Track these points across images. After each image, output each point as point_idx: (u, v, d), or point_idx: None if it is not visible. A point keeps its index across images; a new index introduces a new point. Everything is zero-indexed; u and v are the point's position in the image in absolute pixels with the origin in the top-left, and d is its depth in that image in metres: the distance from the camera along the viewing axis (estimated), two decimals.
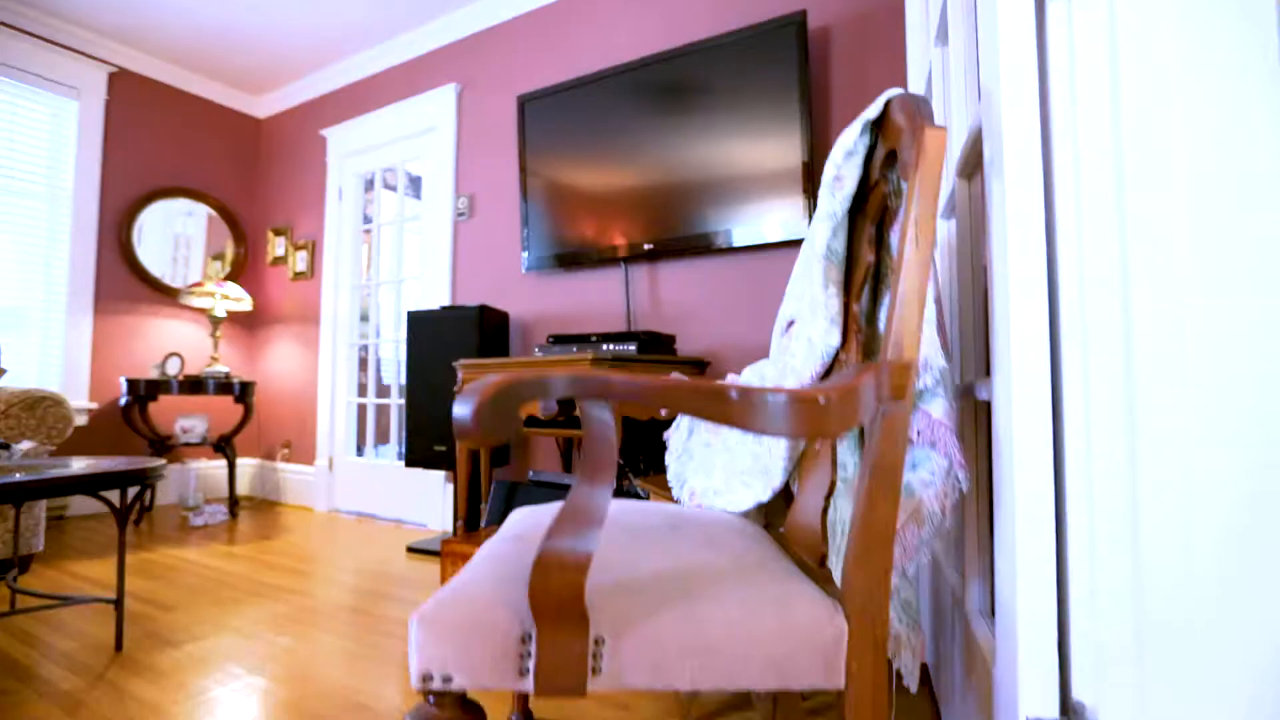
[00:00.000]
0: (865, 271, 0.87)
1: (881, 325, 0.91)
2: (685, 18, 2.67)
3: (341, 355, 3.79)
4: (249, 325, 4.29)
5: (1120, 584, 0.66)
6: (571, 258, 2.77)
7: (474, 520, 2.53)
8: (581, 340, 2.33)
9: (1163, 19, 0.66)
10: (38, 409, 2.48)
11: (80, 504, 3.49)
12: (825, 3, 2.36)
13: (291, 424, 4.02)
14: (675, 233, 2.50)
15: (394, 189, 3.79)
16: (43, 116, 3.46)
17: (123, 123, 3.74)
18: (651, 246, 2.55)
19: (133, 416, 3.32)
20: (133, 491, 3.39)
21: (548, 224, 2.84)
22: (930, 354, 0.81)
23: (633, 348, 2.15)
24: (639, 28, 2.78)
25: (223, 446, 3.49)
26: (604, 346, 2.21)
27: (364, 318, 3.88)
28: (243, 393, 3.51)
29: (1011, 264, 0.71)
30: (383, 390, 3.92)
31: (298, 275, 4.03)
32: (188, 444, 3.41)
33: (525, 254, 2.91)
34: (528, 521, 0.95)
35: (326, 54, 3.72)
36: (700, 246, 2.44)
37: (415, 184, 3.90)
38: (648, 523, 0.92)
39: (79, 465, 1.91)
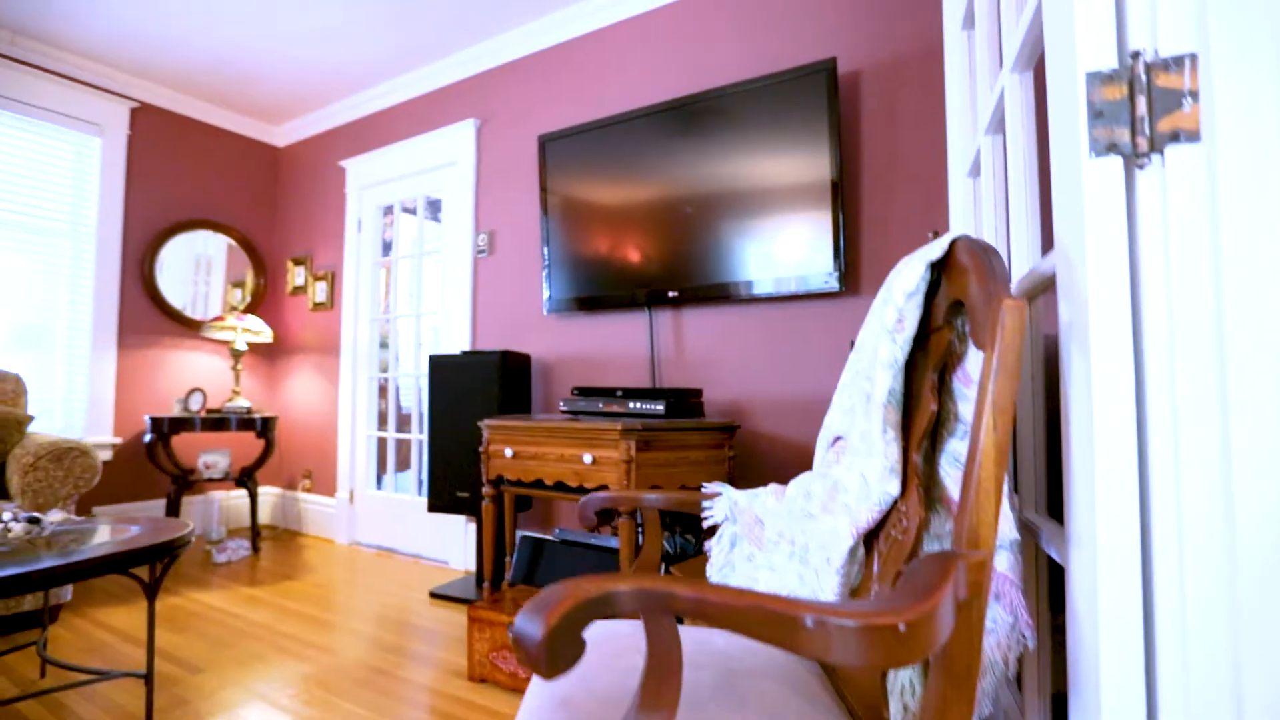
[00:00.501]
0: (929, 421, 0.83)
1: (942, 471, 0.86)
2: (708, 60, 2.62)
3: (362, 388, 3.78)
4: (269, 355, 4.30)
5: None
6: (594, 301, 2.74)
7: (498, 573, 2.51)
8: (607, 394, 2.30)
9: (1272, 180, 0.61)
10: (65, 460, 2.48)
11: None
12: (855, 47, 2.30)
13: (312, 454, 4.02)
14: (700, 280, 2.45)
15: (414, 221, 3.77)
16: (67, 154, 3.48)
17: (144, 157, 3.75)
18: (676, 294, 2.51)
19: (156, 453, 3.34)
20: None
21: (569, 266, 2.81)
22: (1005, 528, 0.76)
23: (660, 408, 2.11)
24: (659, 68, 2.74)
25: (245, 481, 3.50)
26: (631, 404, 2.18)
27: (384, 344, 3.87)
28: (264, 428, 3.51)
29: (1099, 469, 0.67)
30: (403, 420, 3.91)
31: (317, 306, 4.03)
32: (211, 479, 3.42)
33: (546, 295, 2.88)
34: (571, 678, 0.91)
35: (345, 85, 3.71)
36: (725, 295, 2.40)
37: (435, 215, 3.89)
38: (699, 680, 0.88)
39: (105, 533, 1.90)
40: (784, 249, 2.28)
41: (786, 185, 2.28)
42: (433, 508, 2.77)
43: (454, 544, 3.26)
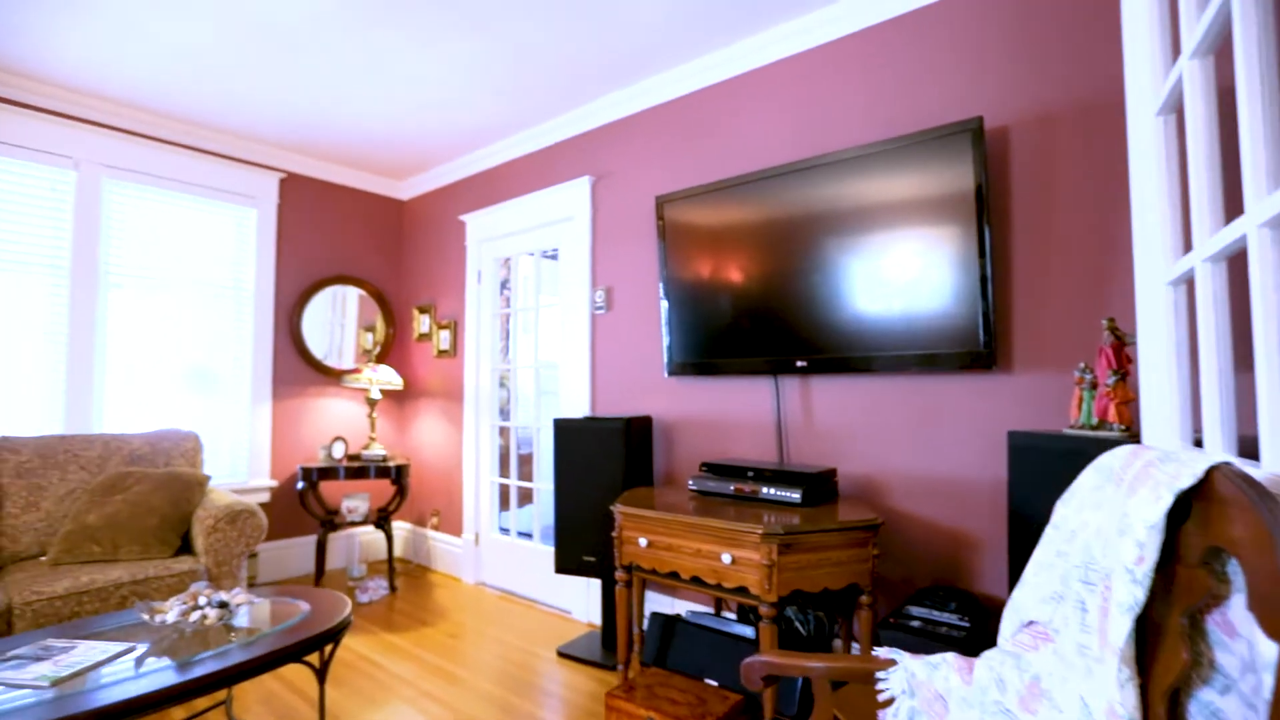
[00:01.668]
0: (1179, 673, 0.73)
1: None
2: (831, 119, 2.51)
3: (485, 435, 3.94)
4: (398, 398, 4.57)
5: None
6: (716, 366, 2.70)
7: (627, 636, 2.53)
8: (737, 474, 2.26)
9: None
10: (238, 521, 2.74)
11: (270, 567, 3.87)
12: (1002, 104, 2.13)
13: (440, 494, 4.23)
14: (831, 349, 2.36)
15: (531, 274, 3.88)
16: (229, 224, 3.84)
17: (290, 220, 4.09)
18: (805, 364, 2.42)
19: (307, 499, 3.63)
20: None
21: (690, 329, 2.79)
22: None
23: (796, 496, 2.05)
24: (779, 126, 2.66)
25: (382, 524, 3.74)
26: (765, 490, 2.13)
27: (503, 384, 4.01)
28: (398, 475, 3.73)
29: None
30: (524, 460, 4.04)
31: (441, 353, 4.23)
32: (353, 522, 3.68)
33: (667, 357, 2.87)
34: None
35: (464, 144, 3.87)
36: (858, 366, 2.29)
37: (553, 268, 3.99)
38: None
39: (276, 612, 2.07)
40: (923, 320, 2.15)
41: (925, 252, 2.14)
42: (560, 569, 2.84)
43: (577, 595, 3.32)
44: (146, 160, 3.50)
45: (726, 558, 1.86)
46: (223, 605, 1.90)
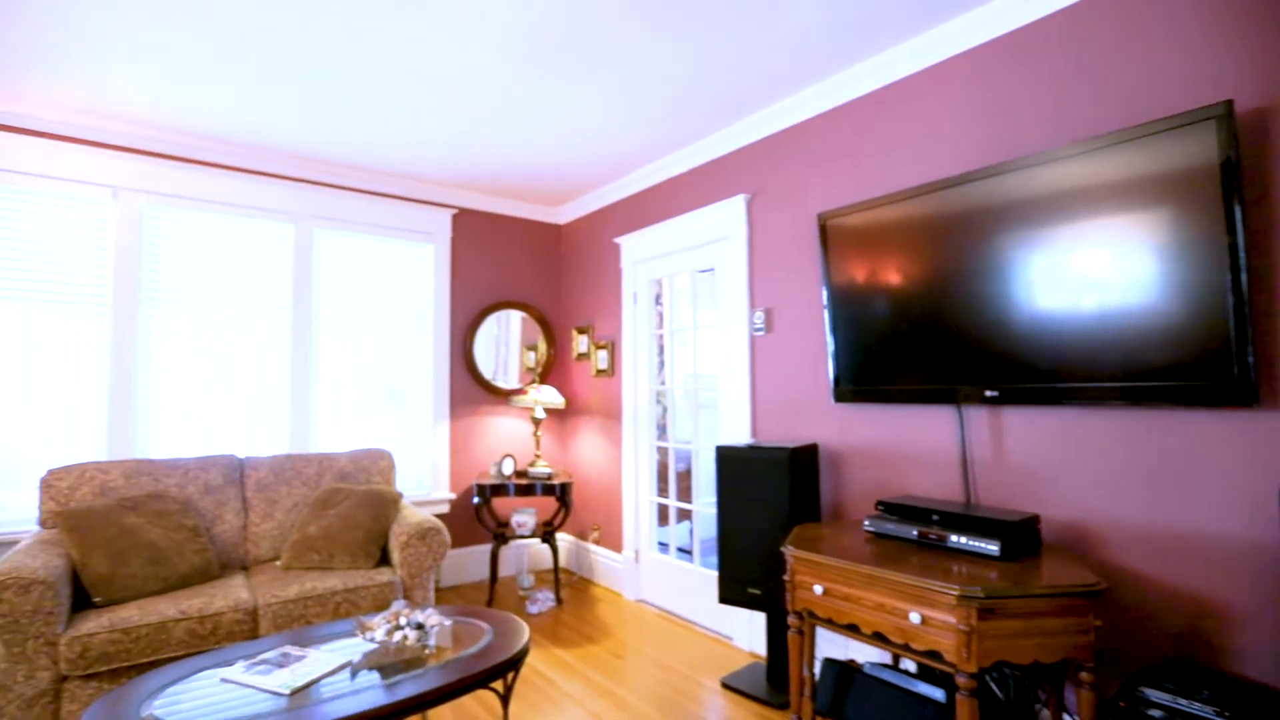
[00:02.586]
0: None
1: None
2: (1021, 117, 2.23)
3: (642, 453, 3.99)
4: (560, 416, 4.78)
5: None
6: (889, 394, 2.51)
7: (792, 687, 2.42)
8: (919, 517, 2.07)
9: None
10: (427, 538, 2.98)
11: (450, 572, 4.22)
12: (1258, 82, 1.76)
13: (600, 510, 4.36)
14: (1029, 378, 2.09)
15: (687, 295, 3.88)
16: (411, 260, 4.24)
17: (462, 252, 4.42)
18: (995, 394, 2.17)
19: (482, 514, 3.90)
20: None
21: (859, 354, 2.61)
22: None
23: (993, 548, 1.83)
24: (960, 130, 2.41)
25: (547, 538, 3.92)
26: (954, 538, 1.93)
27: (658, 400, 4.04)
28: (562, 493, 3.89)
29: None
30: (682, 477, 4.04)
31: (599, 372, 4.36)
32: (521, 536, 3.89)
33: (833, 383, 2.72)
34: None
35: (618, 168, 3.95)
36: (1063, 396, 2.00)
37: (709, 287, 3.96)
38: None
39: (455, 629, 2.21)
40: (1149, 342, 1.83)
41: (1148, 255, 1.83)
42: (724, 599, 2.79)
43: (740, 622, 3.26)
44: (347, 209, 3.96)
45: (915, 617, 1.70)
46: (419, 627, 2.07)
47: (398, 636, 2.01)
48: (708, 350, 3.72)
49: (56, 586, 2.25)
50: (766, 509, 2.66)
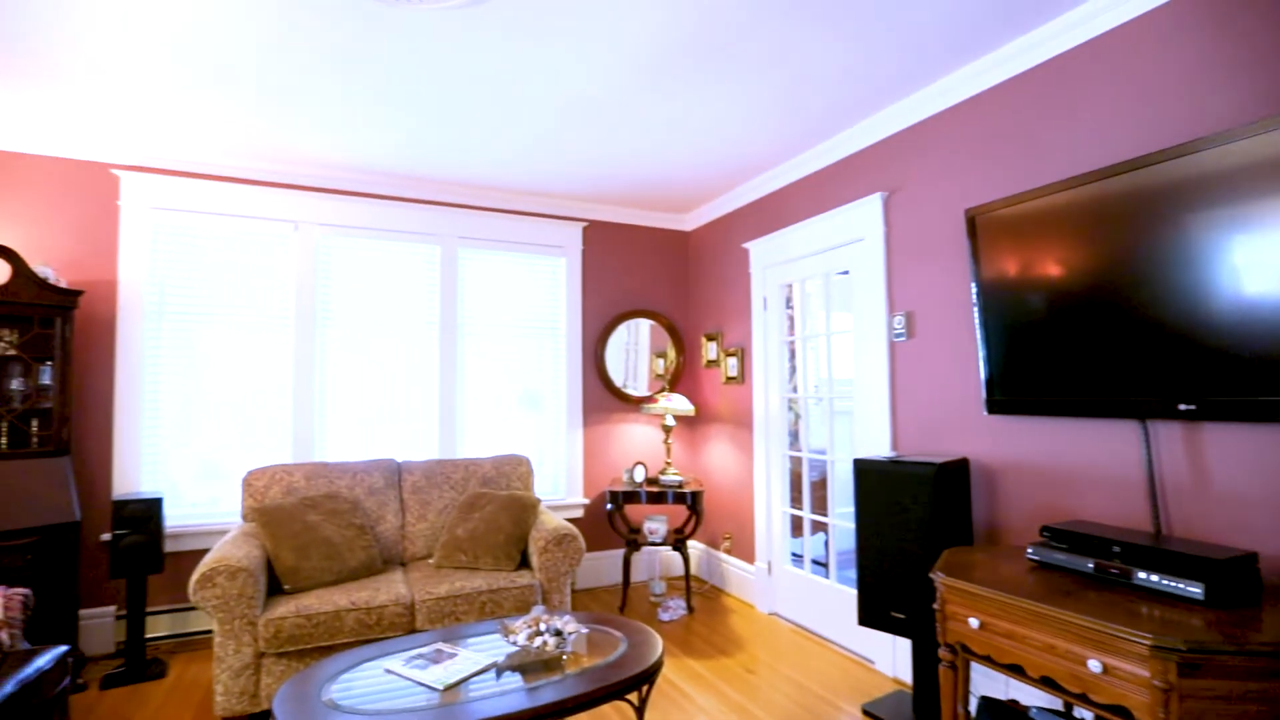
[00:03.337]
0: None
1: None
2: (1196, 94, 1.90)
3: (774, 462, 3.89)
4: (690, 423, 4.78)
5: None
6: (1056, 404, 2.24)
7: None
8: (1098, 548, 1.83)
9: None
10: (564, 544, 3.09)
11: (585, 576, 4.36)
12: None
13: (731, 518, 4.30)
14: (1236, 389, 1.78)
15: (819, 299, 3.73)
16: (544, 273, 4.43)
17: (592, 263, 4.55)
18: (1192, 408, 1.87)
19: (614, 519, 3.98)
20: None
21: (1016, 359, 2.37)
22: None
23: (1196, 591, 1.58)
24: (1119, 111, 2.10)
25: (679, 546, 3.92)
26: (1140, 575, 1.68)
27: (790, 408, 3.91)
28: (693, 501, 3.88)
29: None
30: (816, 487, 3.89)
31: (729, 380, 4.31)
32: (653, 543, 3.92)
33: (985, 392, 2.48)
34: None
35: (744, 172, 3.88)
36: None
37: (843, 291, 3.79)
38: None
39: (591, 637, 2.26)
40: None
41: None
42: (863, 621, 2.64)
43: (881, 645, 3.07)
44: (486, 228, 4.21)
45: (1095, 665, 1.50)
46: (558, 633, 2.14)
47: (538, 642, 2.09)
48: (842, 356, 3.55)
49: (256, 574, 2.58)
50: (910, 528, 2.48)
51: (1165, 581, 1.64)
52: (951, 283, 2.76)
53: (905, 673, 2.92)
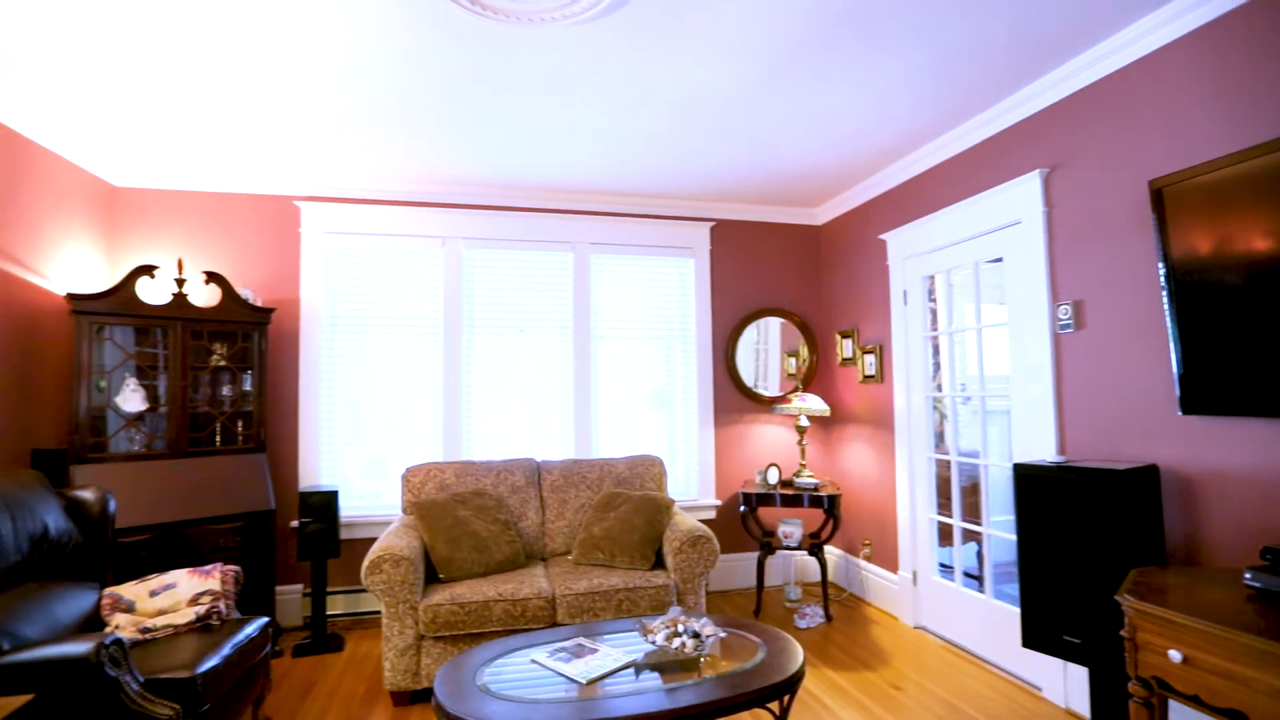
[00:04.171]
0: None
1: None
2: None
3: (919, 465, 3.64)
4: (824, 424, 4.60)
5: None
6: (1273, 403, 1.91)
7: None
8: None
9: None
10: (698, 545, 3.09)
11: (718, 578, 4.33)
12: None
13: (870, 524, 4.09)
14: None
15: (967, 291, 3.44)
16: (673, 275, 4.45)
17: (720, 263, 4.51)
18: None
19: (748, 522, 3.91)
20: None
21: (1220, 350, 2.04)
22: None
23: None
24: None
25: (815, 551, 3.78)
26: None
27: (935, 408, 3.64)
28: (830, 505, 3.73)
29: None
30: (966, 492, 3.59)
31: (867, 378, 4.09)
32: (788, 547, 3.81)
33: (1179, 390, 2.16)
34: None
35: (878, 161, 3.67)
36: None
37: (992, 280, 3.47)
38: None
39: (728, 641, 2.22)
40: None
41: None
42: (1030, 643, 2.39)
43: (1049, 670, 2.77)
44: (616, 233, 4.31)
45: None
46: (696, 635, 2.13)
47: (676, 643, 2.10)
48: (995, 351, 3.25)
49: (416, 563, 2.81)
50: (1085, 542, 2.21)
51: None
52: (1130, 265, 2.43)
53: (1079, 703, 2.62)
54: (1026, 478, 2.40)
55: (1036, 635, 2.37)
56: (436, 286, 4.07)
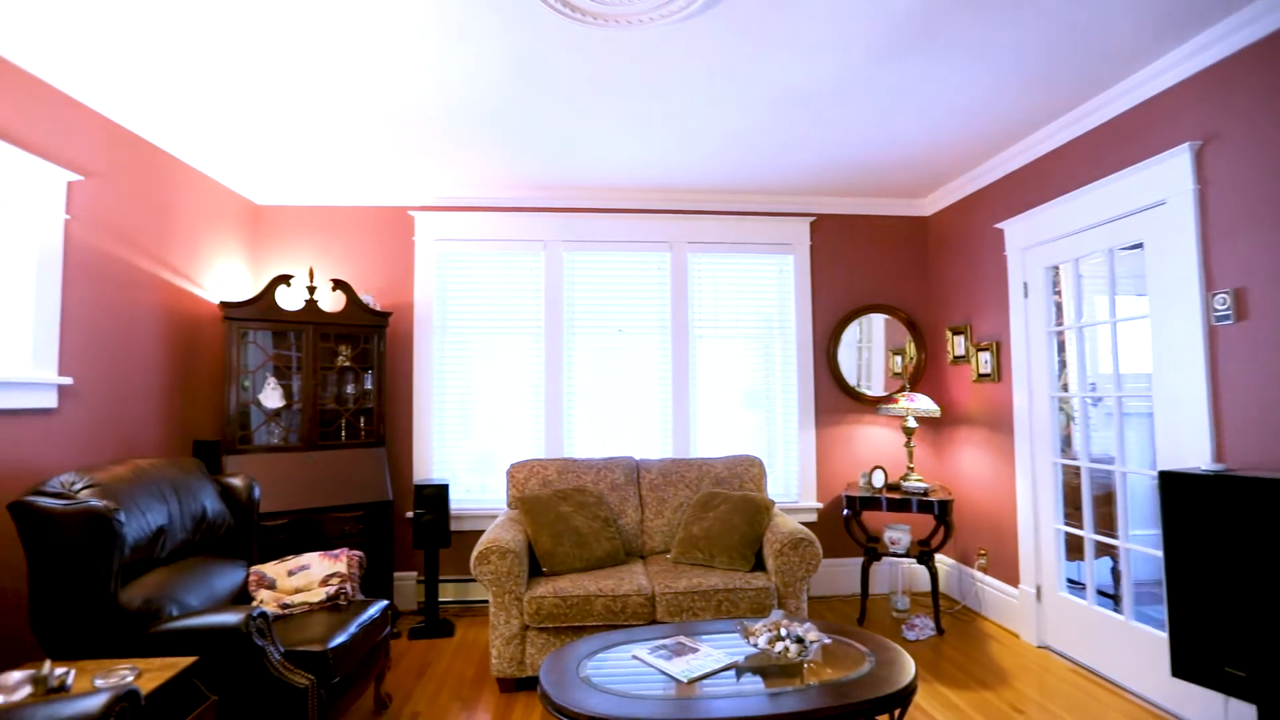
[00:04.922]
0: None
1: None
2: None
3: (1043, 473, 3.37)
4: (934, 425, 4.36)
5: None
6: None
7: None
8: None
9: None
10: (799, 548, 3.01)
11: (819, 584, 4.20)
12: None
13: (986, 532, 3.83)
14: None
15: (1099, 281, 3.15)
16: (771, 272, 4.37)
17: (821, 259, 4.38)
18: None
19: (851, 526, 3.77)
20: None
21: None
22: None
23: None
24: None
25: (924, 559, 3.58)
26: None
27: (1061, 408, 3.35)
28: (942, 512, 3.52)
29: None
30: (1100, 503, 3.28)
31: (981, 377, 3.84)
32: (894, 554, 3.64)
33: None
34: None
35: (991, 146, 3.43)
36: None
37: (1130, 271, 3.14)
38: None
39: (833, 649, 2.14)
40: None
41: None
42: (1179, 672, 2.15)
43: (1202, 702, 2.48)
44: (713, 231, 4.28)
45: None
46: (799, 640, 2.07)
47: (779, 647, 2.05)
48: (1132, 347, 2.95)
49: (521, 556, 2.92)
50: (1252, 562, 1.96)
51: None
52: None
53: None
54: (1177, 486, 2.16)
55: (1190, 665, 2.13)
56: (538, 289, 4.20)
